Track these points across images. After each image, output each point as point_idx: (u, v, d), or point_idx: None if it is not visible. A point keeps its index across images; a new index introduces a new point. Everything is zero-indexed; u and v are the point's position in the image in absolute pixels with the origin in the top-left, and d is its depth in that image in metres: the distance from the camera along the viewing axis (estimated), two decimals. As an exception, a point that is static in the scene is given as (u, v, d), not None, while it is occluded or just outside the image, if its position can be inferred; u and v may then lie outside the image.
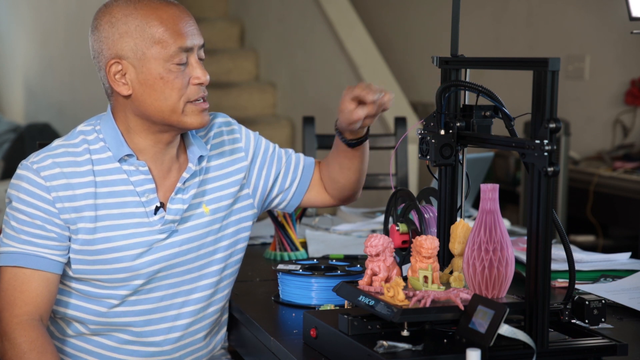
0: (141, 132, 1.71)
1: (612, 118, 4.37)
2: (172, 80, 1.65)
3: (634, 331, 1.65)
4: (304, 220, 2.64)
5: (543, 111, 1.36)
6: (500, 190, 1.47)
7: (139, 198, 1.71)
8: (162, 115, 1.67)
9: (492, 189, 1.45)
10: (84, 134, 1.73)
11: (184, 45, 1.65)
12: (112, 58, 1.66)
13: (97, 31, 1.68)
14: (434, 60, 1.62)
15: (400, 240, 1.72)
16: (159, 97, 1.66)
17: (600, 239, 4.09)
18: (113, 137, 1.71)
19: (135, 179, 1.71)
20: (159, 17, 1.65)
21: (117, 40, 1.65)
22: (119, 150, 1.70)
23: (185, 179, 1.74)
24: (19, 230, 1.66)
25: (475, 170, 2.78)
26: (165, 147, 1.73)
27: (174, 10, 1.67)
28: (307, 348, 1.56)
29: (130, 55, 1.65)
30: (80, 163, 1.69)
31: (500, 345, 1.36)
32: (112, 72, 1.67)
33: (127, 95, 1.68)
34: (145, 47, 1.64)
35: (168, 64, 1.65)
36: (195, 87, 1.68)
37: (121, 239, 1.69)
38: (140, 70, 1.65)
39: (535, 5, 4.78)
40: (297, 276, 1.81)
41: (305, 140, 3.04)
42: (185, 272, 1.76)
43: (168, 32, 1.64)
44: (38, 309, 1.66)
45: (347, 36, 5.00)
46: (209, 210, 1.76)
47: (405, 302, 1.42)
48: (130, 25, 1.64)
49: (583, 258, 2.08)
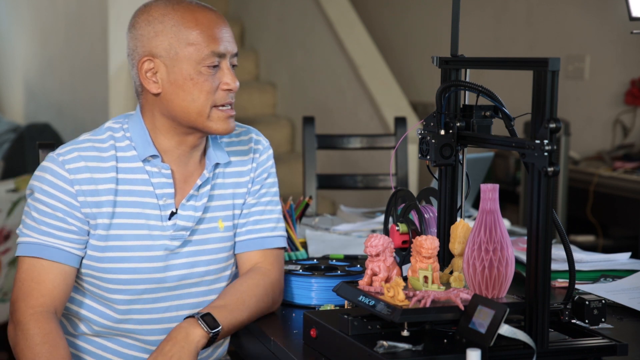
0: (167, 133, 1.72)
1: (612, 118, 4.37)
2: (201, 83, 1.66)
3: (634, 331, 1.65)
4: (304, 220, 2.64)
5: (543, 111, 1.36)
6: (500, 190, 1.47)
7: (157, 200, 1.72)
8: (189, 117, 1.68)
9: (492, 189, 1.45)
10: (112, 130, 1.74)
11: (217, 50, 1.66)
12: (145, 55, 1.68)
13: (134, 29, 1.70)
14: (434, 60, 1.62)
15: (400, 240, 1.72)
16: (187, 97, 1.67)
17: (600, 239, 4.09)
18: (140, 136, 1.72)
19: (156, 181, 1.72)
20: (195, 20, 1.67)
21: (152, 39, 1.67)
22: (144, 150, 1.71)
23: (199, 186, 1.75)
24: (40, 221, 1.67)
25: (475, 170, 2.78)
26: (190, 151, 1.74)
27: (211, 15, 1.69)
28: (307, 348, 1.56)
29: (163, 54, 1.66)
30: (104, 159, 1.70)
31: (500, 345, 1.36)
32: (144, 69, 1.68)
33: (157, 94, 1.69)
34: (179, 47, 1.66)
35: (199, 66, 1.66)
36: (223, 93, 1.69)
37: (133, 239, 1.70)
38: (172, 70, 1.67)
39: (535, 5, 4.78)
40: (297, 276, 1.82)
41: (305, 140, 3.04)
42: (196, 285, 1.77)
43: (203, 36, 1.66)
44: (53, 301, 1.66)
45: (347, 36, 5.00)
46: (224, 227, 1.77)
47: (405, 302, 1.42)
48: (167, 25, 1.66)
49: (583, 258, 2.08)
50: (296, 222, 2.28)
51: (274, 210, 1.84)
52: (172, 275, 1.74)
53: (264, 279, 1.75)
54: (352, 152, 4.72)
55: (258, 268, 1.79)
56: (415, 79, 5.54)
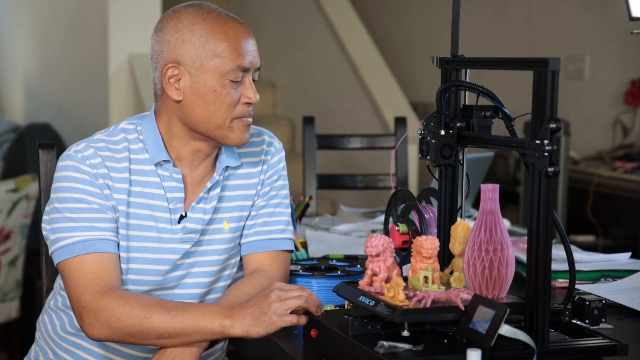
0: (182, 139, 1.72)
1: (612, 118, 4.37)
2: (223, 96, 1.67)
3: (634, 331, 1.65)
4: (304, 220, 2.64)
5: (543, 111, 1.36)
6: (500, 190, 1.47)
7: (167, 204, 1.72)
8: (207, 127, 1.68)
9: (492, 189, 1.45)
10: (126, 132, 1.74)
11: (242, 64, 1.67)
12: (170, 62, 1.67)
13: (161, 33, 1.69)
14: (434, 61, 1.62)
15: (401, 240, 1.72)
16: (209, 108, 1.67)
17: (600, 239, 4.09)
18: (153, 140, 1.72)
19: (168, 185, 1.72)
20: (224, 32, 1.66)
21: (179, 46, 1.66)
22: (157, 155, 1.71)
23: (209, 188, 1.75)
24: (78, 219, 1.65)
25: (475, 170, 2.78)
26: (203, 158, 1.74)
27: (240, 28, 1.69)
28: (307, 348, 1.56)
29: (188, 63, 1.66)
30: (118, 159, 1.70)
31: (500, 345, 1.36)
32: (167, 75, 1.68)
33: (178, 101, 1.69)
34: (205, 58, 1.65)
35: (223, 79, 1.66)
36: (243, 106, 1.70)
37: (142, 241, 1.70)
38: (196, 80, 1.66)
39: (535, 5, 4.78)
40: (297, 276, 1.81)
41: (305, 140, 3.04)
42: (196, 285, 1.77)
43: (230, 49, 1.66)
44: (113, 282, 1.64)
45: (347, 36, 5.00)
46: (229, 227, 1.77)
47: (405, 302, 1.42)
48: (195, 34, 1.66)
49: (583, 258, 2.08)
50: (296, 222, 2.28)
51: (283, 212, 1.84)
52: (173, 276, 1.74)
53: (269, 281, 1.74)
54: (352, 152, 4.72)
55: (263, 270, 1.78)
56: (415, 79, 5.54)
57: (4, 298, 3.72)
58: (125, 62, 4.36)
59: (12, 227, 3.63)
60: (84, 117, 5.01)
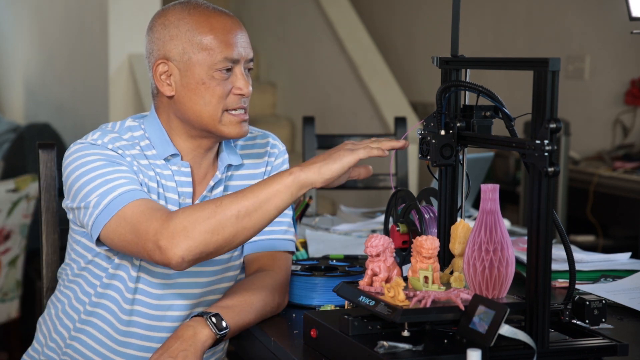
0: (182, 135, 1.74)
1: (612, 118, 4.37)
2: (213, 87, 1.68)
3: (634, 331, 1.65)
4: (304, 220, 2.64)
5: (543, 111, 1.36)
6: (500, 190, 1.47)
7: (178, 197, 1.73)
8: (201, 120, 1.69)
9: (492, 189, 1.45)
10: (132, 130, 1.75)
11: (230, 55, 1.68)
12: (160, 58, 1.70)
13: (151, 32, 1.72)
14: (434, 61, 1.62)
15: (401, 240, 1.72)
16: (199, 101, 1.68)
17: (600, 239, 4.09)
18: (158, 136, 1.73)
19: (178, 179, 1.74)
20: (210, 25, 1.68)
21: (167, 42, 1.69)
22: (164, 150, 1.73)
23: (212, 187, 1.76)
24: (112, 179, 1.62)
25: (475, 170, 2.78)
26: (204, 153, 1.76)
27: (227, 21, 1.70)
28: (307, 348, 1.56)
29: (177, 58, 1.68)
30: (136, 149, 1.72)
31: (500, 345, 1.36)
32: (158, 71, 1.70)
33: (170, 96, 1.71)
34: (192, 52, 1.67)
35: (211, 70, 1.67)
36: (235, 97, 1.70)
37: None
38: (185, 74, 1.68)
39: (535, 5, 4.78)
40: (297, 276, 1.81)
41: (305, 140, 3.04)
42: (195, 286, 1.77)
43: (216, 41, 1.67)
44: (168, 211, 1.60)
45: (347, 36, 5.00)
46: None
47: (405, 302, 1.42)
48: (182, 29, 1.68)
49: (583, 258, 2.08)
50: (296, 222, 2.28)
51: (286, 213, 1.84)
52: (173, 273, 1.74)
53: (271, 282, 1.74)
54: (352, 152, 4.71)
55: (266, 270, 1.78)
56: (415, 79, 5.54)
57: (4, 298, 3.72)
58: (125, 62, 4.36)
59: (12, 227, 3.64)
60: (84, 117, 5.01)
